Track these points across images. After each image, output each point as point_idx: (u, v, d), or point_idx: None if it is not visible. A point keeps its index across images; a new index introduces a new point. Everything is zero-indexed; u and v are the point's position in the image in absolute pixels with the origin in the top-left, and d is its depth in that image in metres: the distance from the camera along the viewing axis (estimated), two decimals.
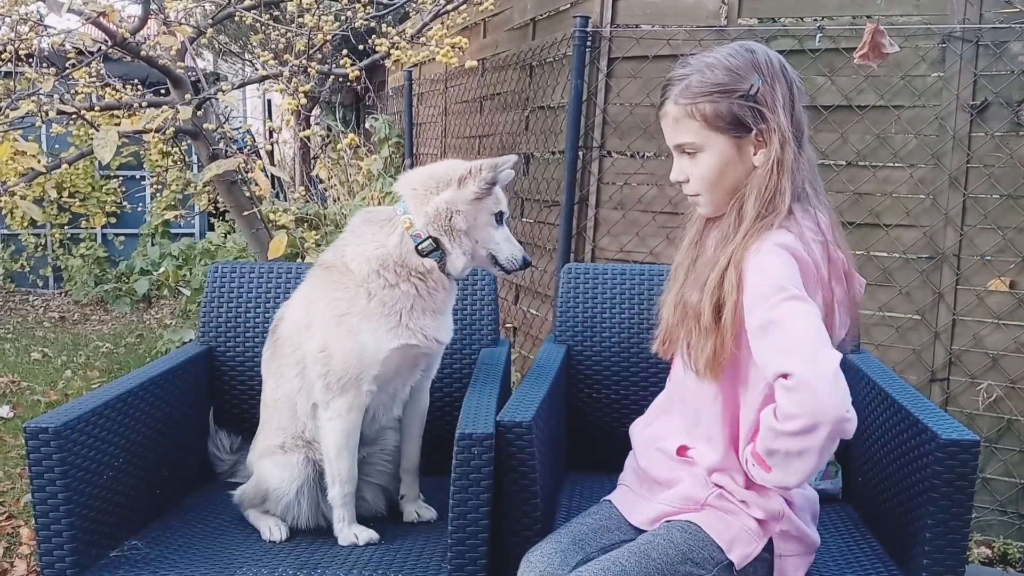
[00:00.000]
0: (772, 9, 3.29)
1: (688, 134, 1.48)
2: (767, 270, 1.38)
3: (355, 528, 1.83)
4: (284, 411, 1.89)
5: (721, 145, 1.46)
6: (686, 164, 1.51)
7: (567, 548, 1.51)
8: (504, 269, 1.84)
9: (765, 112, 1.44)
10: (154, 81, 4.13)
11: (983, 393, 2.81)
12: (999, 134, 2.78)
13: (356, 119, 9.16)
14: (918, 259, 2.91)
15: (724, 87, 1.45)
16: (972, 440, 1.53)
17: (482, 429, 1.58)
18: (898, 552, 1.71)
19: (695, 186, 1.51)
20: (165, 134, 3.47)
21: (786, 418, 1.27)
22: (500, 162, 1.79)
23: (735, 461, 1.52)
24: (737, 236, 1.44)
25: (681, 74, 1.49)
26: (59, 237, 7.32)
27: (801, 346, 1.29)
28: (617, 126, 3.43)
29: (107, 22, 3.10)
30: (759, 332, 1.35)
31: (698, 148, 1.48)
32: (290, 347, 1.87)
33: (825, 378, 1.25)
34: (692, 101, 1.46)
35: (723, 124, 1.45)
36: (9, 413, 4.08)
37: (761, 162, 1.46)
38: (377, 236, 1.82)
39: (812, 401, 1.25)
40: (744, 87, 1.44)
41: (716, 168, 1.48)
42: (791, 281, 1.36)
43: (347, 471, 1.82)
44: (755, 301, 1.37)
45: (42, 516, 1.62)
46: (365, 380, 1.79)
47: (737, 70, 1.45)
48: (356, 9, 3.85)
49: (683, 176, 1.52)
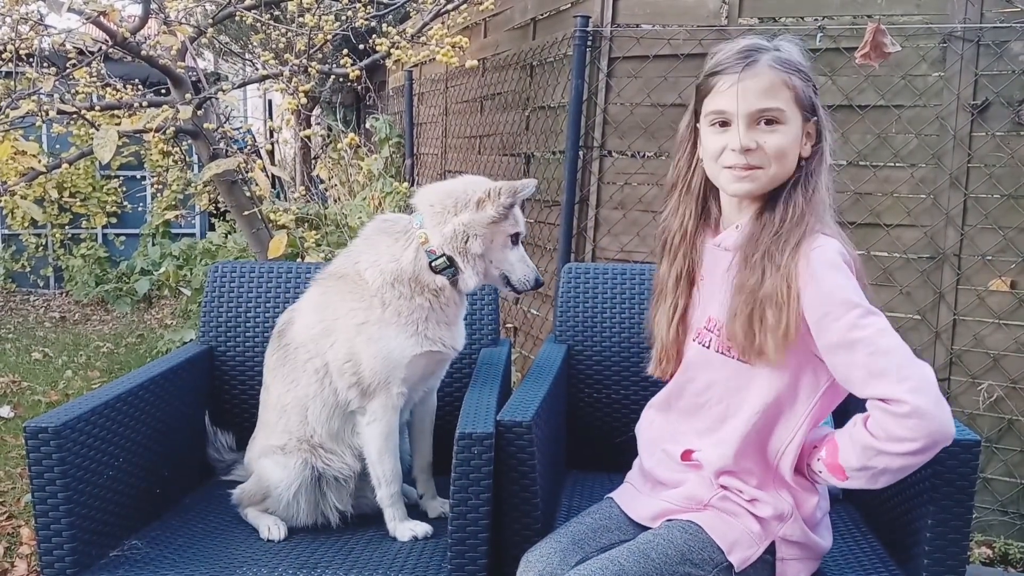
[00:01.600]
0: (773, 9, 3.28)
1: (780, 101, 1.46)
2: (833, 284, 1.39)
3: (409, 523, 1.85)
4: (294, 415, 1.89)
5: (797, 123, 1.48)
6: (760, 133, 1.46)
7: (566, 547, 1.51)
8: (515, 289, 1.87)
9: (819, 106, 1.49)
10: (155, 81, 4.12)
11: (984, 393, 2.81)
12: (1000, 134, 2.78)
13: (357, 119, 9.16)
14: (919, 259, 2.91)
15: (806, 70, 1.49)
16: (973, 440, 1.53)
17: (482, 429, 1.58)
18: (899, 552, 1.70)
19: (762, 157, 1.46)
20: (165, 134, 3.47)
21: (896, 440, 1.31)
22: (519, 187, 1.79)
23: (748, 464, 1.51)
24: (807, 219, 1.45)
25: (759, 46, 1.48)
26: (60, 237, 7.32)
27: (901, 369, 1.32)
28: (618, 126, 3.43)
29: (107, 22, 3.09)
30: (840, 348, 1.37)
31: (784, 119, 1.46)
32: (306, 354, 1.88)
33: (941, 404, 1.31)
34: (787, 70, 1.46)
35: (803, 103, 1.47)
36: (10, 413, 4.08)
37: (807, 153, 1.49)
38: (392, 249, 1.84)
39: (933, 427, 1.30)
40: (813, 77, 1.50)
41: (790, 143, 1.47)
42: (858, 295, 1.39)
43: (391, 471, 1.85)
44: (826, 317, 1.38)
45: (42, 516, 1.62)
46: (394, 383, 1.82)
47: (807, 59, 1.50)
48: (356, 9, 3.85)
49: (754, 144, 1.46)
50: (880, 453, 1.34)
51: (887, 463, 1.34)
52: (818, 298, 1.39)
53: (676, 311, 1.61)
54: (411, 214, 1.88)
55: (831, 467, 1.43)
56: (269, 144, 8.48)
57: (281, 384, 1.92)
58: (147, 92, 4.05)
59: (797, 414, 1.49)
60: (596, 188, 3.51)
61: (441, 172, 5.63)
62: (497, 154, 4.61)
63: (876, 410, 1.34)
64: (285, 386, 1.91)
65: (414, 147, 6.33)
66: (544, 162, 3.99)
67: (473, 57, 4.27)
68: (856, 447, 1.38)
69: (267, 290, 2.27)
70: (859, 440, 1.37)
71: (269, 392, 1.97)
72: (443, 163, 5.64)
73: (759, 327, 1.44)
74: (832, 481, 1.45)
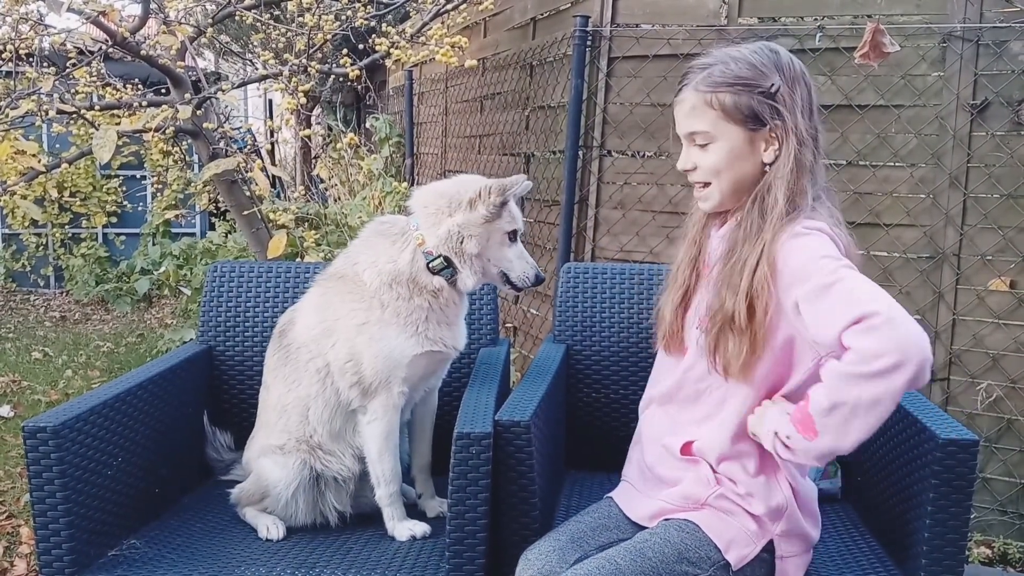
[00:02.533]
0: (772, 8, 3.28)
1: (703, 123, 1.49)
2: (807, 248, 1.40)
3: (408, 523, 1.85)
4: (294, 415, 1.90)
5: (734, 136, 1.49)
6: (695, 153, 1.53)
7: (565, 546, 1.51)
8: (515, 287, 1.87)
9: (783, 111, 1.47)
10: (154, 81, 4.12)
11: (983, 393, 2.81)
12: (999, 134, 2.78)
13: (357, 119, 9.17)
14: (918, 259, 2.91)
15: (746, 81, 1.48)
16: (971, 440, 1.53)
17: (480, 428, 1.58)
18: (897, 552, 1.70)
19: (702, 175, 1.53)
20: (165, 133, 3.47)
21: (869, 358, 1.26)
22: (509, 184, 1.79)
23: (746, 447, 1.52)
24: (764, 232, 1.45)
25: (703, 63, 1.51)
26: (60, 237, 7.32)
27: (876, 293, 1.31)
28: (617, 125, 3.43)
29: (107, 21, 3.09)
30: (814, 296, 1.35)
31: (710, 138, 1.50)
32: (307, 354, 1.89)
33: (914, 323, 1.27)
34: (712, 90, 1.48)
35: (740, 116, 1.47)
36: (10, 412, 4.08)
37: (771, 159, 1.49)
38: (390, 251, 1.84)
39: (903, 336, 1.25)
40: (765, 84, 1.47)
41: (726, 158, 1.50)
42: (835, 253, 1.39)
43: (390, 471, 1.85)
44: (800, 275, 1.38)
45: (40, 515, 1.62)
46: (395, 382, 1.83)
47: (760, 67, 1.48)
48: (356, 8, 3.85)
49: (690, 164, 1.54)
50: (851, 379, 1.28)
51: (858, 394, 1.28)
52: (789, 276, 1.40)
53: (679, 296, 1.63)
54: (408, 215, 1.89)
55: (802, 422, 1.36)
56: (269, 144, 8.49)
57: (282, 384, 1.92)
58: (147, 92, 4.05)
59: (793, 389, 1.48)
60: (596, 188, 3.50)
61: (441, 171, 5.63)
62: (497, 154, 4.61)
63: (849, 336, 1.29)
64: (287, 386, 1.91)
65: (414, 147, 6.33)
66: (544, 162, 3.99)
67: (473, 57, 4.27)
68: (828, 381, 1.32)
69: (267, 290, 2.27)
70: (831, 372, 1.32)
71: (269, 392, 1.97)
72: (443, 163, 5.64)
73: (721, 350, 1.48)
74: (801, 446, 1.37)
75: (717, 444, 1.54)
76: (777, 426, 1.42)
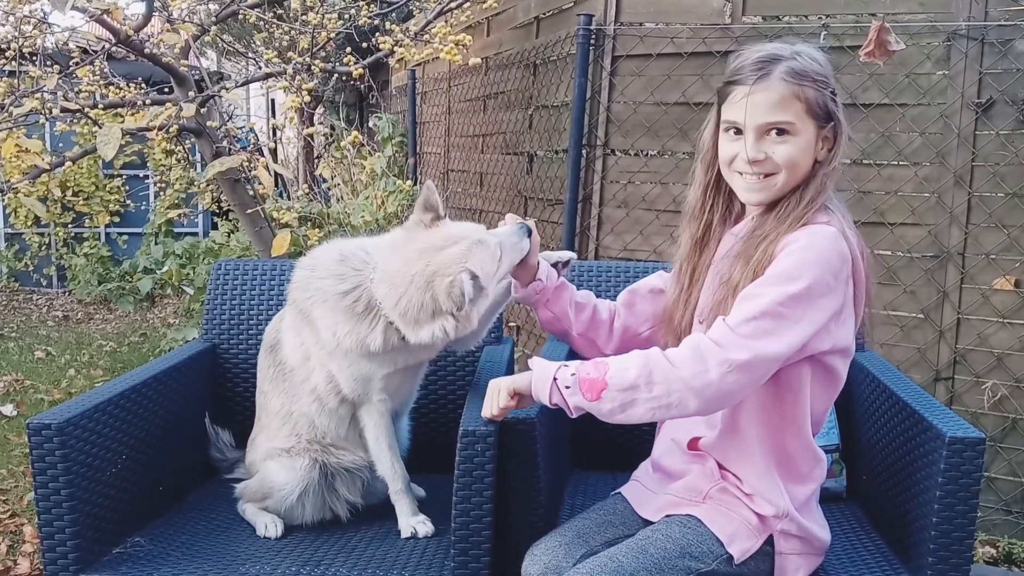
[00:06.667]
0: (776, 7, 3.28)
1: (789, 114, 1.47)
2: (808, 248, 1.42)
3: (413, 520, 1.86)
4: (302, 421, 1.91)
5: (810, 131, 1.49)
6: (769, 144, 1.49)
7: (571, 541, 1.51)
8: None
9: (838, 112, 1.50)
10: (158, 80, 4.12)
11: (988, 392, 2.80)
12: (1004, 132, 2.77)
13: (360, 118, 9.17)
14: (923, 258, 2.90)
15: (824, 77, 1.49)
16: (977, 437, 1.53)
17: (484, 426, 1.58)
18: (903, 551, 1.70)
19: (773, 166, 1.49)
20: (169, 132, 3.47)
21: (700, 376, 1.35)
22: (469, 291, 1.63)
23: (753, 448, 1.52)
24: (792, 221, 1.48)
25: (775, 55, 1.48)
26: (63, 236, 7.33)
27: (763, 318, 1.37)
28: (621, 124, 3.43)
29: (111, 20, 3.09)
30: (762, 285, 1.41)
31: (794, 130, 1.48)
32: (300, 376, 1.90)
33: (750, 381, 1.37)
34: (800, 82, 1.47)
35: (816, 111, 1.48)
36: (13, 411, 4.08)
37: (824, 157, 1.51)
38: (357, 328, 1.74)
39: (730, 385, 1.35)
40: (832, 83, 1.50)
41: (802, 152, 1.49)
42: (803, 272, 1.40)
43: (389, 469, 1.88)
44: (771, 280, 1.41)
45: (45, 513, 1.62)
46: (374, 393, 1.86)
47: (826, 65, 1.51)
48: (360, 7, 3.85)
49: (762, 155, 1.49)
50: (676, 381, 1.35)
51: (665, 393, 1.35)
52: (782, 264, 1.42)
53: (690, 296, 1.63)
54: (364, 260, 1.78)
55: (590, 383, 1.40)
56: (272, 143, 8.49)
57: (284, 396, 1.93)
58: (150, 90, 4.05)
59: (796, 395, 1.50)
60: (599, 187, 3.50)
61: (444, 171, 5.63)
62: (500, 153, 4.61)
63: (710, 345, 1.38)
64: (288, 398, 1.93)
65: (417, 146, 6.33)
66: (547, 161, 3.99)
67: (476, 56, 4.27)
68: (648, 367, 1.38)
69: (270, 288, 2.27)
70: (658, 362, 1.38)
71: (268, 399, 1.97)
72: (446, 162, 5.64)
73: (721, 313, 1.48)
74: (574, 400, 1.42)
75: (724, 442, 1.54)
76: (559, 374, 1.44)
